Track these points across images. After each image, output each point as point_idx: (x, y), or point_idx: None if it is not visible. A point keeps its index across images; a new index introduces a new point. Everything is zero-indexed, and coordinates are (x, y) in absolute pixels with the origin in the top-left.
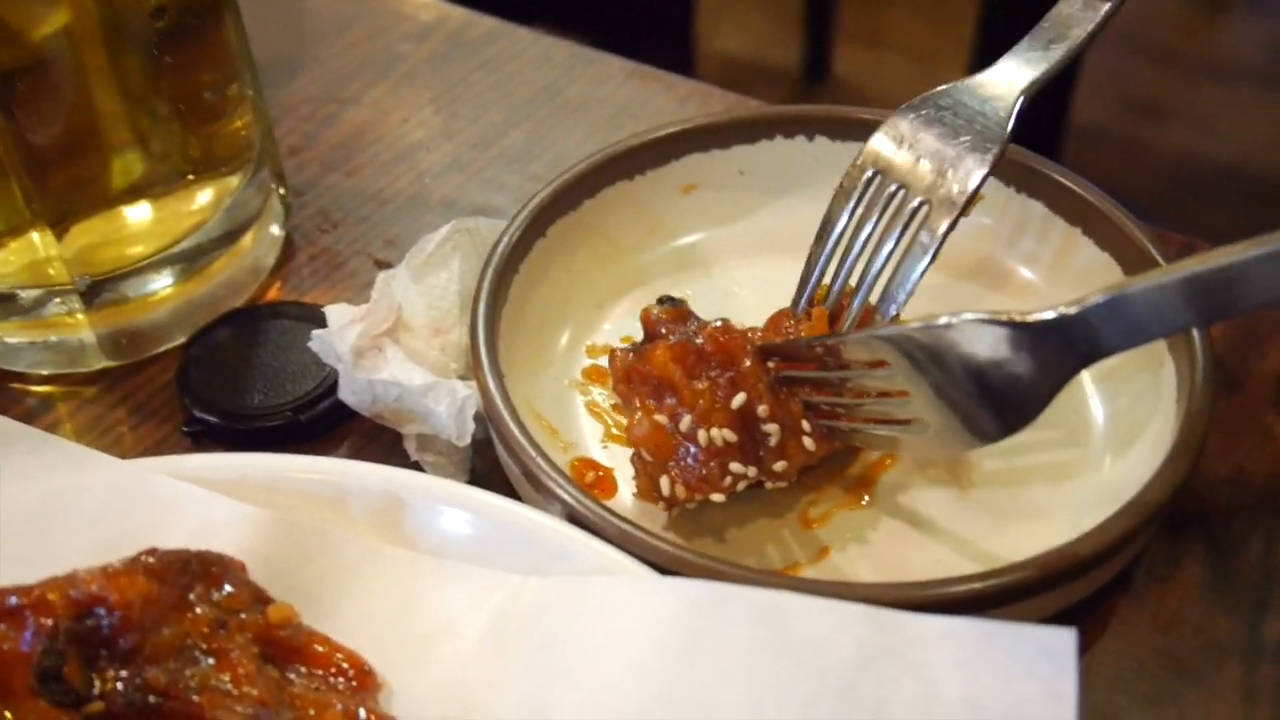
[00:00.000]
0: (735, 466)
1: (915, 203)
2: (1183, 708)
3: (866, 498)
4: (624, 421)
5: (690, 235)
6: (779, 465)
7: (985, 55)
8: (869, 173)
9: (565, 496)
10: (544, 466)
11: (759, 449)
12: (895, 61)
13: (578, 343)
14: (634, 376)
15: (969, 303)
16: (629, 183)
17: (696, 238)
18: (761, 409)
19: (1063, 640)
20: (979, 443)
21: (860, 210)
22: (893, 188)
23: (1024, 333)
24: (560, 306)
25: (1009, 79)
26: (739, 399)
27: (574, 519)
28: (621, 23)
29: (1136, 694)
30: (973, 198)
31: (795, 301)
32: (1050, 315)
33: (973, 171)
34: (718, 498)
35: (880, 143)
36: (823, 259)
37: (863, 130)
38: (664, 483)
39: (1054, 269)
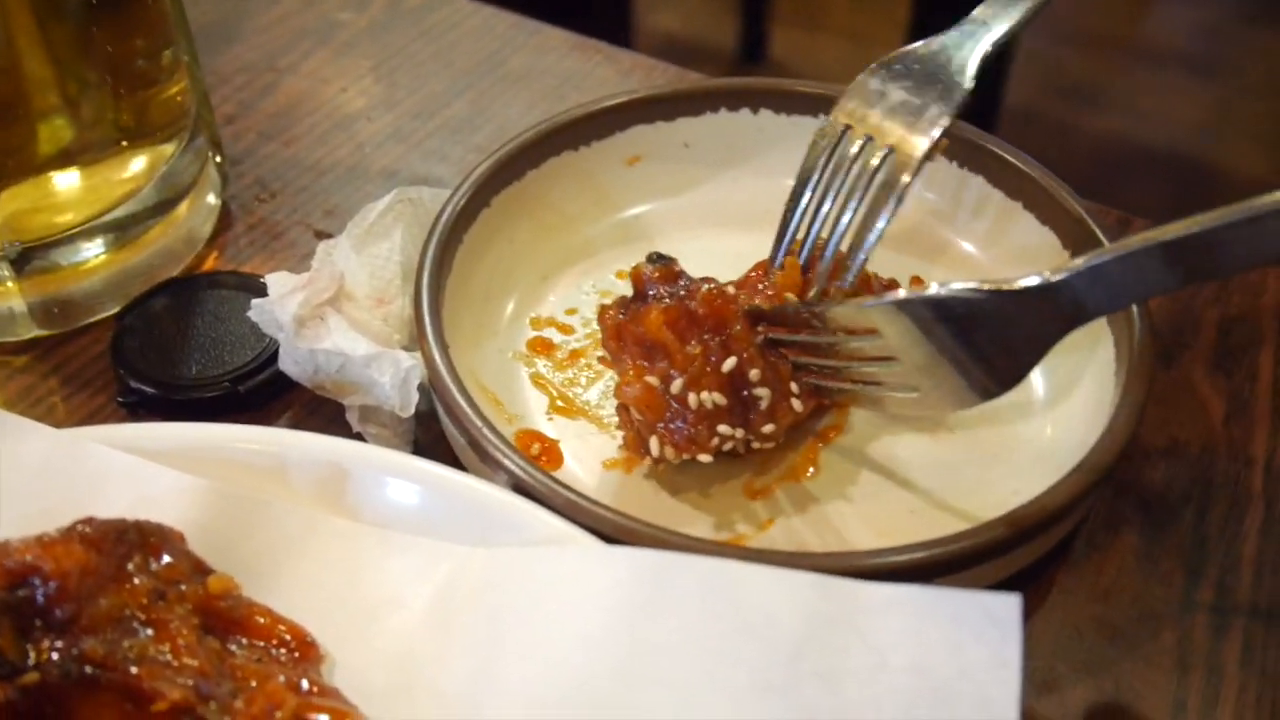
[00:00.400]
0: (724, 429)
1: (882, 152)
2: (1119, 676)
3: (811, 470)
4: (569, 395)
5: (635, 207)
6: (768, 428)
7: (920, 37)
8: (841, 127)
9: (512, 467)
10: (490, 437)
11: (749, 412)
12: (831, 43)
13: (522, 314)
14: (625, 335)
15: (909, 274)
16: (574, 154)
17: (642, 209)
18: (753, 373)
19: (1007, 606)
20: (967, 404)
21: (833, 163)
22: (861, 140)
23: (1011, 299)
24: (504, 277)
25: (973, 36)
26: (730, 363)
27: (520, 489)
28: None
29: (1075, 662)
30: (936, 145)
31: (772, 255)
32: (1036, 281)
33: (936, 120)
34: (705, 458)
35: (851, 99)
36: (798, 213)
37: (807, 103)
38: (653, 443)
39: (993, 242)
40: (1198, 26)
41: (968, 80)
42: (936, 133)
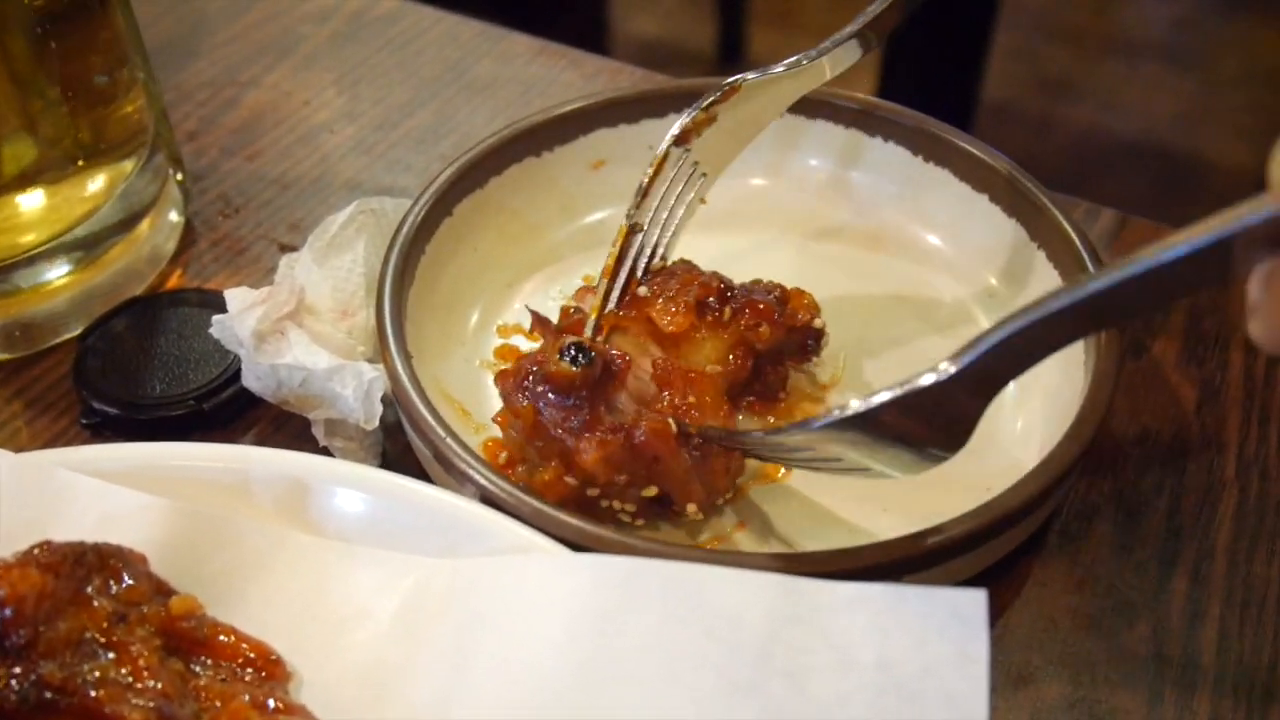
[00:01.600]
0: (624, 516)
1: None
2: (1095, 666)
3: (781, 470)
4: None
5: (600, 212)
6: (690, 508)
7: (893, 35)
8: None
9: (478, 478)
10: (455, 448)
11: (668, 508)
12: (807, 42)
13: (488, 322)
14: (542, 435)
15: (880, 273)
16: (536, 160)
17: (607, 214)
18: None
19: (974, 601)
20: (922, 470)
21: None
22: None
23: (928, 396)
24: (469, 286)
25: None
26: (652, 490)
27: (488, 500)
28: (533, 6)
29: (1051, 654)
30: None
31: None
32: (934, 379)
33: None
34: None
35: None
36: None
37: None
38: None
39: (960, 236)
40: (1174, 19)
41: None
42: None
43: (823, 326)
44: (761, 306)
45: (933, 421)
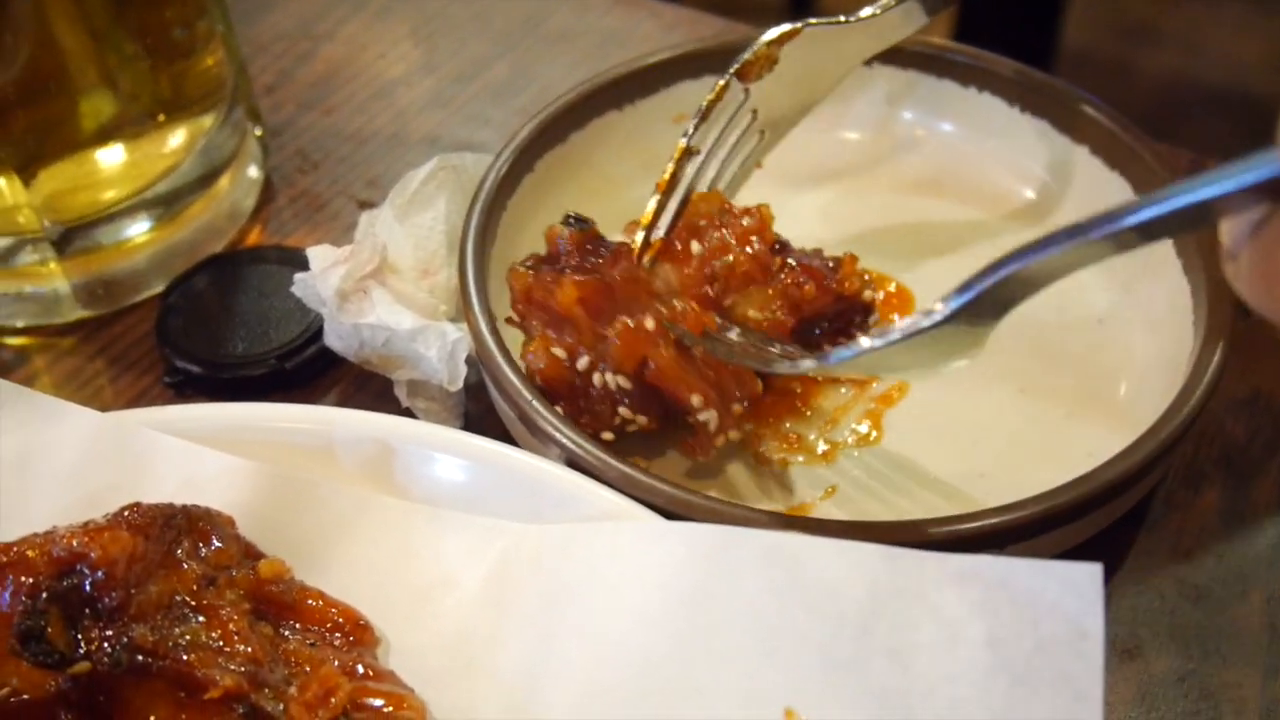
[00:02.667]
0: (624, 411)
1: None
2: (1205, 639)
3: (875, 433)
4: None
5: None
6: (701, 414)
7: None
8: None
9: (564, 440)
10: (541, 410)
11: (652, 400)
12: None
13: None
14: (533, 300)
15: (972, 230)
16: (618, 113)
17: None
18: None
19: (1089, 576)
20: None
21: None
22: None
23: (929, 333)
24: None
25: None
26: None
27: (573, 463)
28: None
29: (1158, 627)
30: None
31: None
32: (944, 315)
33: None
34: (607, 436)
35: (748, 64)
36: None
37: None
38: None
39: (1059, 189)
40: None
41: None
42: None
43: (873, 300)
44: (814, 266)
45: (939, 346)
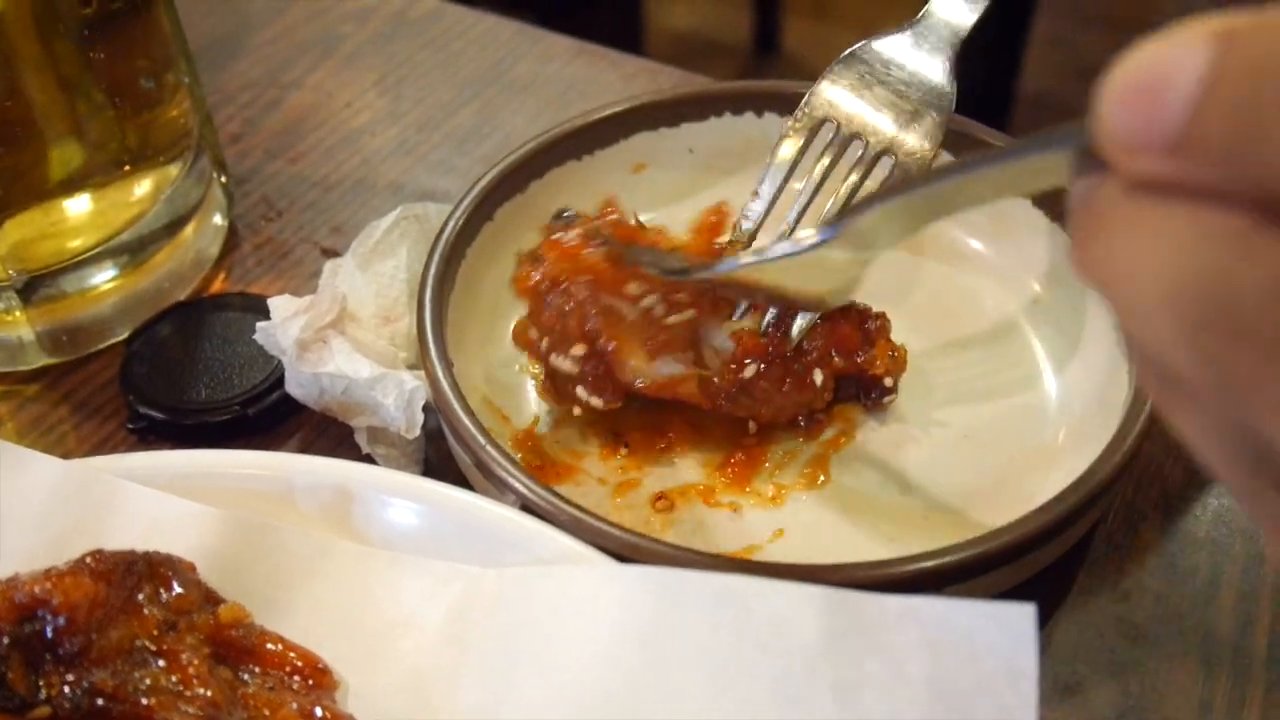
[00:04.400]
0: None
1: (875, 153)
2: (1143, 676)
3: (822, 477)
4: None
5: (641, 215)
6: (631, 363)
7: None
8: (822, 119)
9: (518, 485)
10: (495, 456)
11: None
12: (843, 34)
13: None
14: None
15: (922, 279)
16: (577, 163)
17: (647, 217)
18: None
19: (1022, 616)
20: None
21: (814, 153)
22: (848, 136)
23: (809, 255)
24: (510, 291)
25: (937, 33)
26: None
27: (528, 508)
28: (568, 0)
29: (1098, 664)
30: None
31: (734, 230)
32: (812, 241)
33: (931, 132)
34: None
35: (831, 93)
36: (769, 195)
37: None
38: (580, 391)
39: (1003, 240)
40: (1216, 8)
41: (948, 84)
42: (930, 144)
43: (893, 386)
44: (845, 332)
45: (817, 270)
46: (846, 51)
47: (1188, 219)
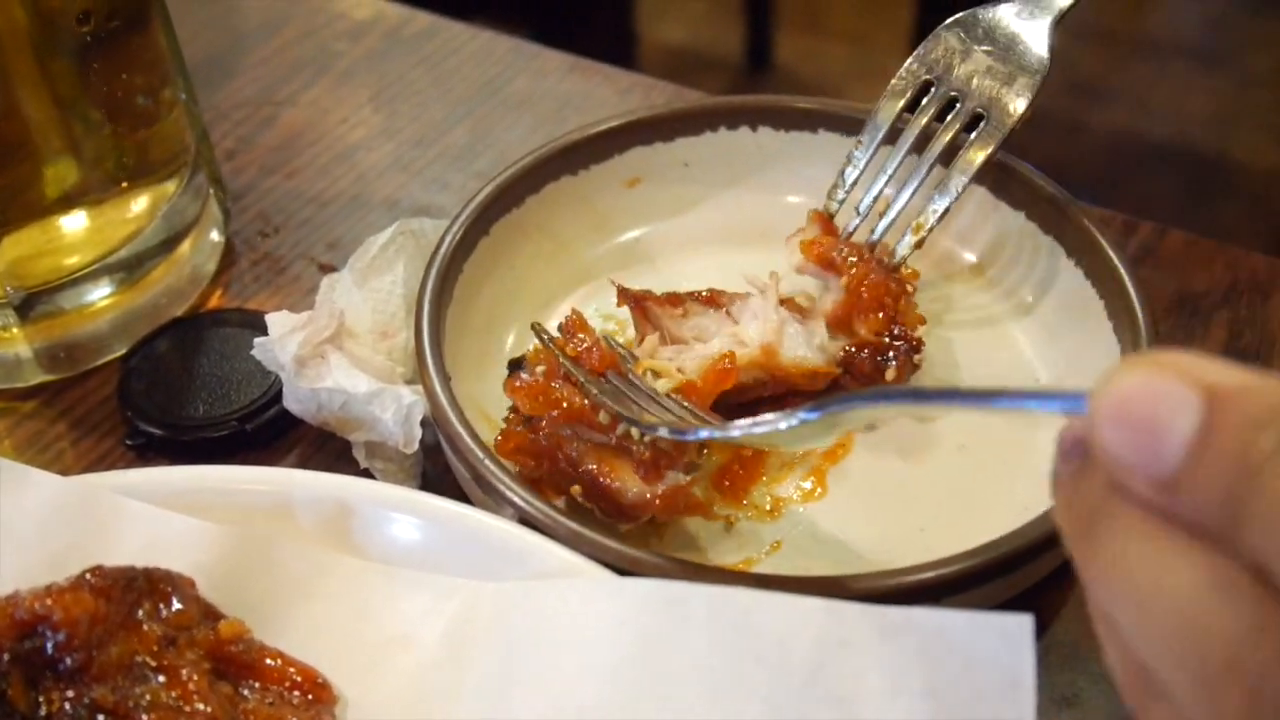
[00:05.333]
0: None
1: (971, 110)
2: None
3: (819, 489)
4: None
5: (635, 229)
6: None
7: (922, 40)
8: (921, 79)
9: (516, 499)
10: (493, 469)
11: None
12: (835, 47)
13: (525, 341)
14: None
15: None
16: (572, 178)
17: (642, 232)
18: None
19: (1020, 627)
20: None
21: (915, 111)
22: (947, 92)
23: (790, 431)
24: (506, 305)
25: (1039, 3)
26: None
27: (526, 522)
28: (561, 16)
29: (1095, 674)
30: (1019, 121)
31: (830, 194)
32: (791, 424)
33: (1021, 93)
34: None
35: (935, 51)
36: (867, 156)
37: (805, 119)
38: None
39: (996, 252)
40: (1204, 18)
41: (1045, 50)
42: (1023, 103)
43: (922, 343)
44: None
45: (795, 435)
46: (952, 18)
47: (1189, 565)
